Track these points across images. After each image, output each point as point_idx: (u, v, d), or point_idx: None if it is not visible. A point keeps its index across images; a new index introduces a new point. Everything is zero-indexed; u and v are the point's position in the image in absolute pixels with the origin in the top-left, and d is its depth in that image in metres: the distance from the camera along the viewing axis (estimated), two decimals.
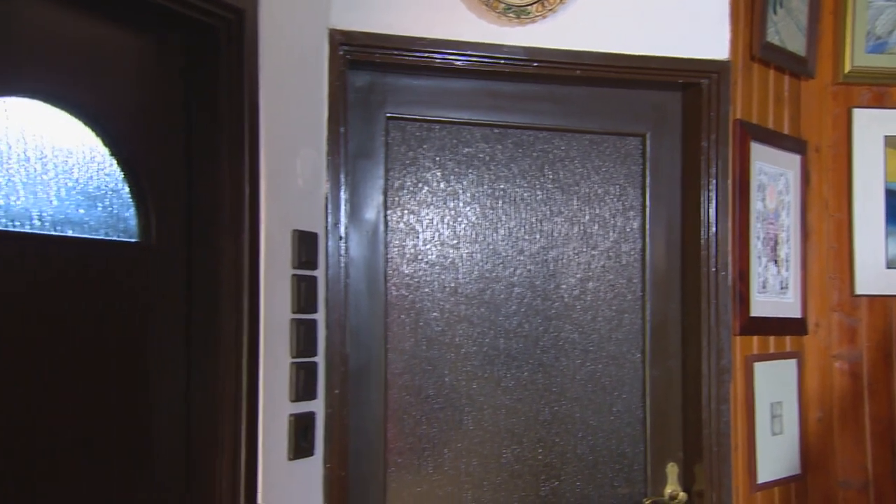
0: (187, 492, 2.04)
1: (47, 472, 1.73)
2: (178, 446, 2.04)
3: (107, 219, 1.91)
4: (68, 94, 1.79)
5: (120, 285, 1.91)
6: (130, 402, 1.93)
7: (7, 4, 1.68)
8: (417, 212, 2.60)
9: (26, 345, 1.70)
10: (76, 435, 1.79)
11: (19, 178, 1.72)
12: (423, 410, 2.57)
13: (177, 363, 2.05)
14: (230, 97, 2.03)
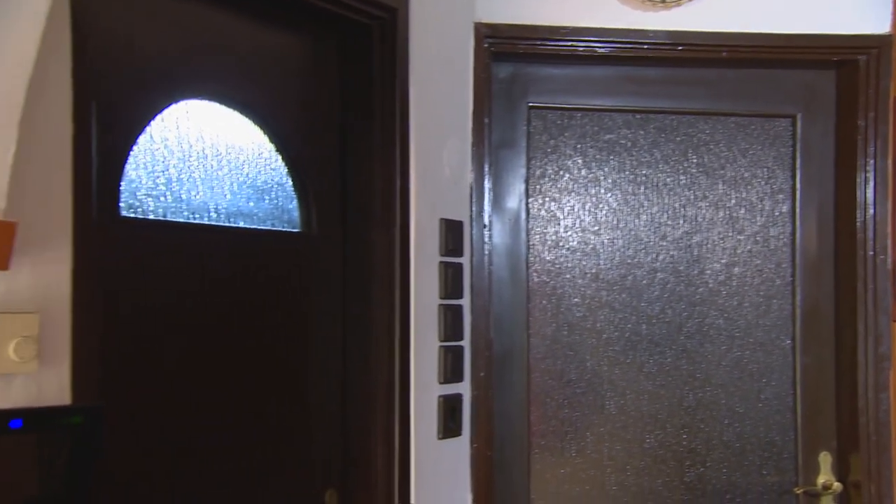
0: (345, 468, 2.17)
1: (222, 445, 1.88)
2: (336, 425, 2.16)
3: (273, 210, 2.05)
4: (240, 96, 1.93)
5: (284, 272, 2.05)
6: (293, 381, 2.06)
7: (186, 15, 1.82)
8: (559, 199, 2.62)
9: (205, 326, 1.85)
10: (245, 411, 1.94)
11: (199, 174, 1.87)
12: (565, 394, 2.61)
13: (334, 346, 2.17)
14: (383, 93, 2.13)
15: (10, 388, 1.37)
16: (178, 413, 1.77)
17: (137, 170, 1.72)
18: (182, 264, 1.80)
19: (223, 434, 1.87)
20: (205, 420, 1.83)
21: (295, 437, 2.05)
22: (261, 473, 1.96)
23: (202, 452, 1.82)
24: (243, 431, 1.92)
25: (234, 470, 1.89)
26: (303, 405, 2.08)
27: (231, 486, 1.88)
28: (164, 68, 1.75)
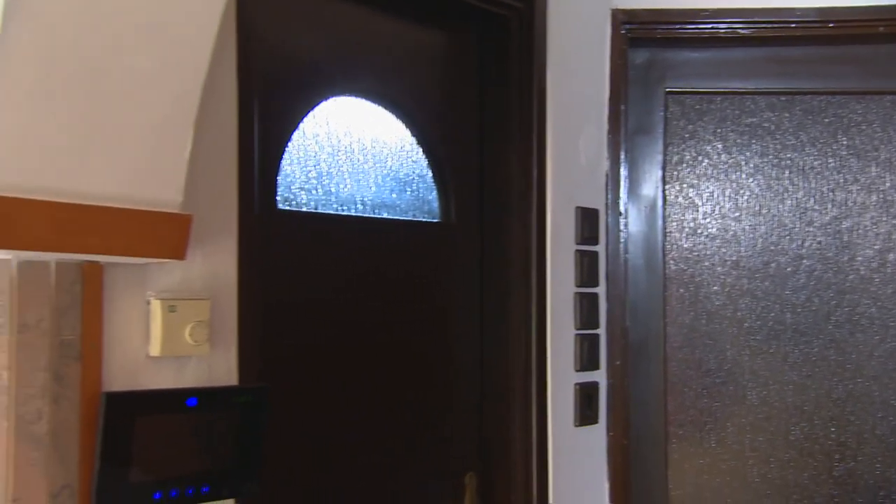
0: (483, 452, 2.20)
1: (367, 428, 1.96)
2: (474, 410, 2.20)
3: (414, 202, 2.10)
4: (384, 91, 1.99)
5: (424, 260, 2.10)
6: (433, 366, 2.11)
7: (335, 15, 1.90)
8: (697, 185, 2.55)
9: (351, 313, 1.92)
10: (389, 395, 2.00)
11: (346, 168, 1.94)
12: (704, 384, 2.54)
13: (471, 333, 2.20)
14: (520, 83, 2.14)
15: (185, 369, 1.47)
16: (326, 397, 1.85)
17: (291, 164, 1.81)
18: (331, 253, 1.88)
19: (368, 417, 1.94)
20: (351, 404, 1.91)
21: (436, 422, 2.10)
22: (404, 456, 2.02)
23: (349, 435, 1.90)
24: (387, 415, 1.98)
25: (379, 452, 1.96)
26: (442, 391, 2.13)
27: (376, 468, 1.95)
28: (315, 67, 1.83)
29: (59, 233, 1.19)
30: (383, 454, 1.97)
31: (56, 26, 1.06)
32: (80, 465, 1.31)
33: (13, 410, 1.23)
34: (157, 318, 1.41)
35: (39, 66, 1.07)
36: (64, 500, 1.29)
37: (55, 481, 1.28)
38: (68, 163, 1.16)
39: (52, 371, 1.28)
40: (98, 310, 1.34)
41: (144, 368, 1.42)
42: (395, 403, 2.01)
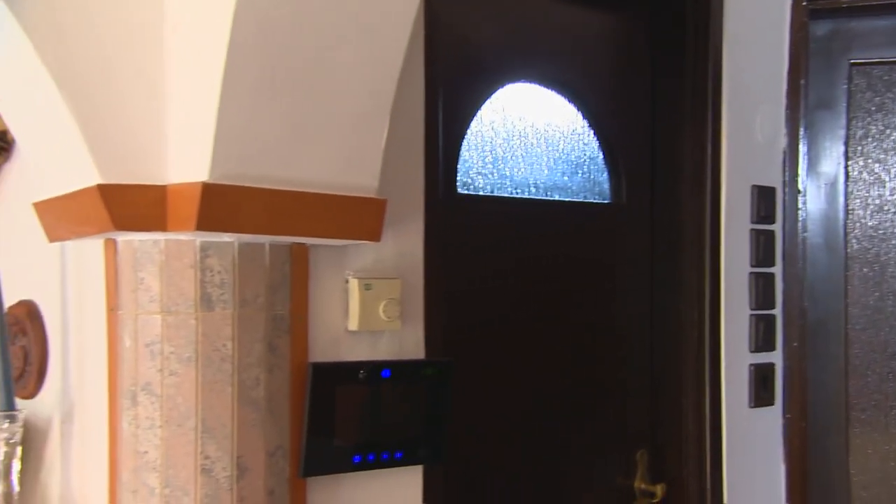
0: (654, 430, 2.16)
1: (542, 404, 1.97)
2: (645, 389, 2.16)
3: (584, 183, 2.08)
4: (557, 76, 1.98)
5: (596, 242, 2.08)
6: (605, 346, 2.09)
7: (512, 4, 1.91)
8: (884, 160, 2.36)
9: (526, 292, 1.94)
10: (562, 372, 2.00)
11: (520, 152, 1.95)
12: (890, 367, 2.37)
13: (642, 312, 2.16)
14: (695, 60, 2.06)
15: (379, 343, 1.54)
16: (503, 372, 1.88)
17: (469, 150, 1.84)
18: (506, 234, 1.90)
19: (542, 393, 1.96)
20: (526, 380, 1.93)
21: (607, 399, 2.09)
22: (576, 431, 2.02)
23: (524, 410, 1.92)
24: (560, 392, 1.99)
25: (552, 427, 1.97)
26: (613, 369, 2.10)
27: (550, 442, 1.96)
28: (494, 55, 1.85)
29: (273, 218, 1.28)
30: (556, 429, 1.98)
31: (276, 28, 1.13)
32: (290, 428, 1.40)
33: (236, 377, 1.34)
34: (354, 295, 1.48)
35: (261, 65, 1.15)
36: (278, 459, 1.38)
37: (271, 442, 1.38)
38: (283, 153, 1.24)
39: (267, 342, 1.37)
40: (304, 287, 1.42)
41: (343, 341, 1.50)
42: (568, 380, 2.01)
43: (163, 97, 1.21)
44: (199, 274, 1.29)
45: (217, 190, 1.19)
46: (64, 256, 1.50)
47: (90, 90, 1.16)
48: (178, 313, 1.30)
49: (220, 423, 1.32)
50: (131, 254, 1.32)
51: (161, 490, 1.30)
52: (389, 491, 1.55)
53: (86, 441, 1.47)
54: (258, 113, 1.19)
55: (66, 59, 1.15)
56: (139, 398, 1.32)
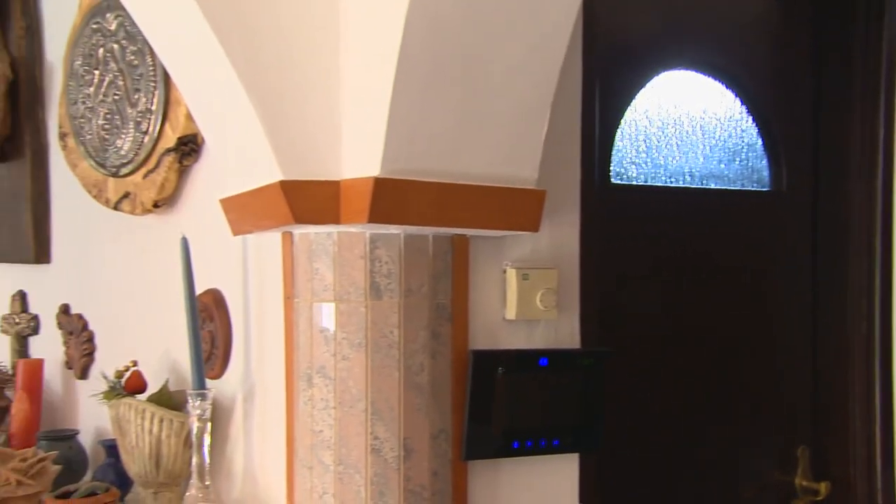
0: (815, 428, 2.03)
1: (700, 397, 1.89)
2: (805, 384, 2.03)
3: (742, 171, 1.98)
4: (715, 62, 1.89)
5: (754, 230, 1.97)
6: (764, 336, 1.98)
7: None
8: None
9: (681, 282, 1.87)
10: (720, 365, 1.92)
11: (675, 140, 1.88)
12: None
13: (804, 302, 2.03)
14: (866, 40, 1.91)
15: (535, 332, 1.53)
16: (659, 363, 1.82)
17: (622, 140, 1.79)
18: (661, 224, 1.84)
19: (698, 385, 1.88)
20: (681, 371, 1.86)
21: (765, 393, 1.98)
22: (732, 426, 1.93)
23: (680, 402, 1.86)
24: (716, 384, 1.91)
25: (707, 420, 1.89)
26: (772, 362, 1.99)
27: (705, 436, 1.89)
28: (650, 43, 1.79)
29: (438, 210, 1.29)
30: (711, 420, 1.90)
31: (447, 23, 1.14)
32: (452, 412, 1.42)
33: (402, 362, 1.36)
34: (512, 285, 1.48)
35: (431, 60, 1.16)
36: (441, 442, 1.40)
37: (434, 425, 1.40)
38: (449, 147, 1.26)
39: (431, 330, 1.39)
40: (465, 277, 1.43)
41: (501, 330, 1.50)
42: (724, 372, 1.92)
43: (338, 96, 1.25)
44: (369, 264, 1.33)
45: (387, 184, 1.22)
46: (246, 248, 1.58)
47: (274, 92, 1.22)
48: (349, 301, 1.34)
49: (388, 405, 1.35)
50: (307, 245, 1.37)
51: (335, 467, 1.35)
52: (546, 477, 1.54)
53: (265, 419, 1.55)
54: (427, 108, 1.20)
55: (254, 63, 1.21)
56: (314, 380, 1.37)
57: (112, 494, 1.52)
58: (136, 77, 1.63)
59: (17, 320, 2.03)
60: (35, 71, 1.93)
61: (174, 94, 1.58)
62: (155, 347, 1.73)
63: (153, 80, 1.60)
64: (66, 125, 1.81)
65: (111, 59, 1.68)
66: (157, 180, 1.63)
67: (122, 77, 1.66)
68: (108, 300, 1.86)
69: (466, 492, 1.44)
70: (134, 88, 1.64)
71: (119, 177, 1.70)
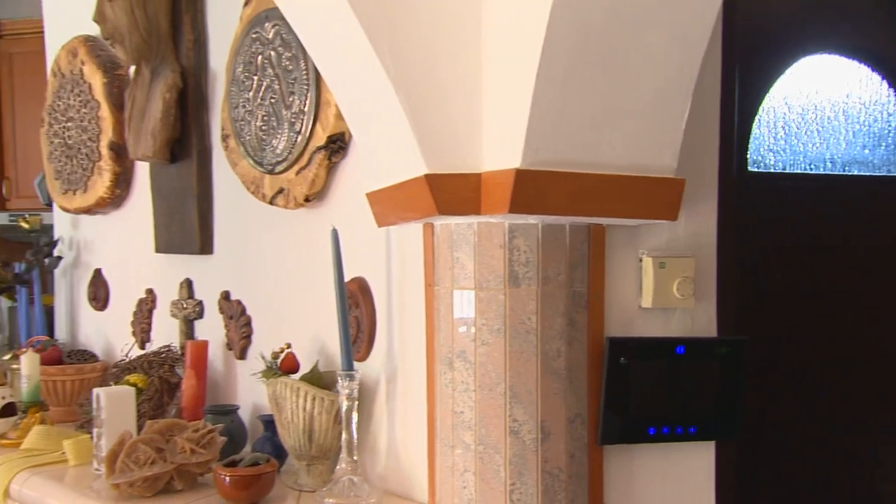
0: None
1: (846, 384, 1.79)
2: None
3: (889, 157, 1.85)
4: (860, 45, 1.78)
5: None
6: None
7: None
8: None
9: (822, 270, 1.77)
10: (863, 353, 1.80)
11: (815, 126, 1.78)
12: None
13: None
14: None
15: (671, 320, 1.50)
16: (802, 353, 1.74)
17: (760, 127, 1.72)
18: (801, 212, 1.76)
19: (842, 376, 1.78)
20: (825, 361, 1.76)
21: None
22: (882, 416, 1.81)
23: (823, 392, 1.76)
24: (862, 375, 1.80)
25: (854, 411, 1.79)
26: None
27: (853, 427, 1.78)
28: (791, 29, 1.71)
29: (575, 200, 1.29)
30: (855, 413, 1.79)
31: (591, 14, 1.13)
32: (588, 397, 1.41)
33: (539, 348, 1.37)
34: (648, 273, 1.45)
35: (574, 52, 1.16)
36: (577, 426, 1.40)
37: (571, 409, 1.40)
38: (587, 138, 1.25)
39: (567, 317, 1.39)
40: (601, 266, 1.42)
41: (637, 318, 1.47)
42: (868, 362, 1.81)
43: (480, 91, 1.27)
44: (508, 253, 1.34)
45: (528, 175, 1.23)
46: (389, 239, 1.63)
47: (420, 89, 1.25)
48: (488, 289, 1.36)
49: (525, 389, 1.36)
50: (448, 236, 1.40)
51: (475, 447, 1.37)
52: (682, 464, 1.50)
53: (407, 399, 1.60)
54: (568, 100, 1.20)
55: (401, 61, 1.24)
56: (455, 364, 1.40)
57: (272, 465, 1.61)
58: (291, 81, 1.72)
59: (184, 305, 2.18)
60: (201, 79, 2.06)
61: (325, 95, 1.65)
62: (306, 331, 1.82)
63: (306, 83, 1.68)
64: (228, 127, 1.92)
65: (268, 66, 1.78)
66: (308, 176, 1.71)
67: (277, 81, 1.75)
68: (264, 287, 1.96)
69: (602, 475, 1.43)
70: (288, 92, 1.73)
71: (274, 174, 1.79)
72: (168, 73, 2.03)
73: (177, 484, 1.63)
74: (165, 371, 2.06)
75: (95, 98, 2.32)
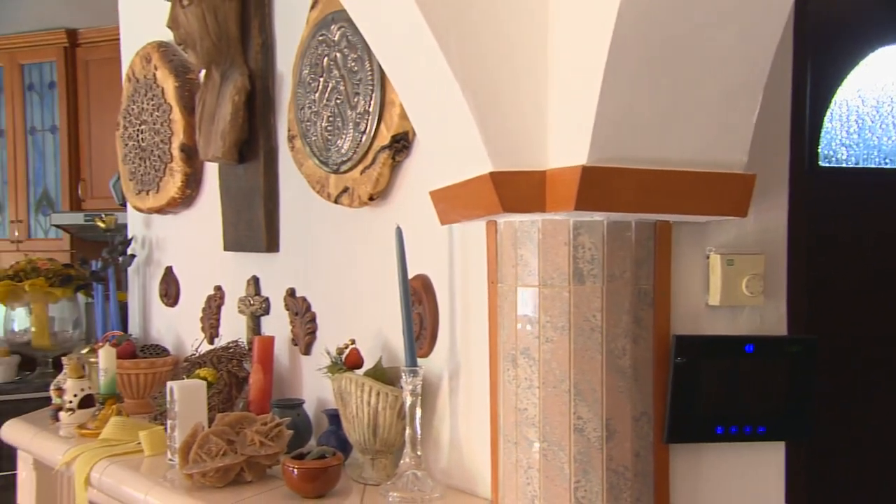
0: None
1: None
2: None
3: None
4: None
5: None
6: None
7: None
8: None
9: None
10: None
11: (891, 119, 1.72)
12: None
13: None
14: None
15: (739, 318, 1.46)
16: (877, 353, 1.67)
17: (832, 121, 1.66)
18: (875, 208, 1.69)
19: None
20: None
21: None
22: None
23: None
24: None
25: None
26: None
27: None
28: (865, 19, 1.65)
29: (643, 197, 1.27)
30: None
31: (658, 12, 1.11)
32: (654, 395, 1.39)
33: (604, 346, 1.36)
34: (716, 270, 1.42)
35: (643, 47, 1.14)
36: (642, 424, 1.38)
37: (636, 407, 1.37)
38: (656, 133, 1.23)
39: (633, 314, 1.37)
40: (667, 263, 1.40)
41: (703, 316, 1.44)
42: None
43: (545, 88, 1.26)
44: (572, 251, 1.33)
45: (594, 172, 1.21)
46: (451, 237, 1.63)
47: (486, 87, 1.25)
48: (553, 286, 1.35)
49: (590, 387, 1.35)
50: (512, 233, 1.39)
51: (539, 444, 1.36)
52: (751, 465, 1.46)
53: (470, 395, 1.60)
54: (636, 96, 1.18)
55: (467, 59, 1.24)
56: (518, 361, 1.39)
57: (338, 458, 1.63)
58: (356, 82, 1.73)
59: (251, 302, 2.23)
60: (268, 81, 2.10)
61: (389, 95, 1.66)
62: (368, 327, 1.83)
63: (371, 83, 1.69)
64: (295, 128, 1.95)
65: (334, 67, 1.80)
66: (372, 175, 1.72)
67: (343, 82, 1.77)
68: (328, 284, 1.99)
69: (668, 475, 1.41)
70: (354, 92, 1.74)
71: (339, 173, 1.81)
72: (237, 77, 2.08)
73: (247, 475, 1.67)
74: (233, 365, 2.10)
75: (167, 101, 2.39)
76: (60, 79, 4.43)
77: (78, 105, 4.44)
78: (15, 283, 3.22)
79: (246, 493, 1.63)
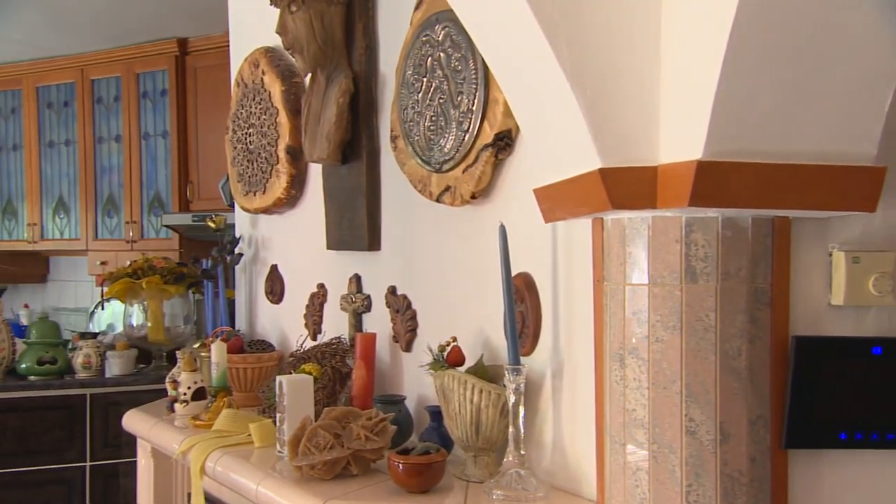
0: None
1: None
2: None
3: None
4: None
5: None
6: None
7: None
8: None
9: None
10: None
11: None
12: None
13: None
14: None
15: (865, 319, 1.38)
16: None
17: None
18: None
19: None
20: None
21: None
22: None
23: None
24: None
25: None
26: None
27: None
28: None
29: (761, 192, 1.21)
30: None
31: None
32: (771, 398, 1.33)
33: (718, 346, 1.31)
34: (839, 268, 1.35)
35: (765, 37, 1.09)
36: (759, 428, 1.32)
37: (752, 411, 1.32)
38: (777, 126, 1.17)
39: (749, 314, 1.32)
40: (786, 260, 1.33)
41: (825, 316, 1.37)
42: None
43: (657, 82, 1.22)
44: (684, 248, 1.29)
45: (709, 167, 1.17)
46: (555, 234, 1.61)
47: (596, 82, 1.22)
48: (663, 285, 1.31)
49: (703, 388, 1.30)
50: (620, 230, 1.36)
51: (649, 446, 1.33)
52: (877, 474, 1.38)
53: (574, 394, 1.58)
54: (755, 87, 1.13)
55: (577, 53, 1.22)
56: (627, 361, 1.36)
57: (442, 455, 1.64)
58: (459, 81, 1.74)
59: (353, 299, 2.27)
60: (371, 83, 2.14)
61: (493, 94, 1.66)
62: (470, 325, 1.84)
63: (475, 82, 1.69)
64: (397, 128, 1.98)
65: (437, 67, 1.81)
66: (474, 174, 1.72)
67: (446, 82, 1.78)
68: (429, 282, 2.01)
69: (786, 481, 1.35)
70: (457, 91, 1.75)
71: (442, 172, 1.82)
72: (341, 79, 2.12)
73: (353, 469, 1.70)
74: (337, 361, 2.15)
75: (274, 105, 2.46)
76: (171, 86, 4.66)
77: (187, 111, 4.66)
78: (133, 281, 3.41)
79: (353, 486, 1.66)
